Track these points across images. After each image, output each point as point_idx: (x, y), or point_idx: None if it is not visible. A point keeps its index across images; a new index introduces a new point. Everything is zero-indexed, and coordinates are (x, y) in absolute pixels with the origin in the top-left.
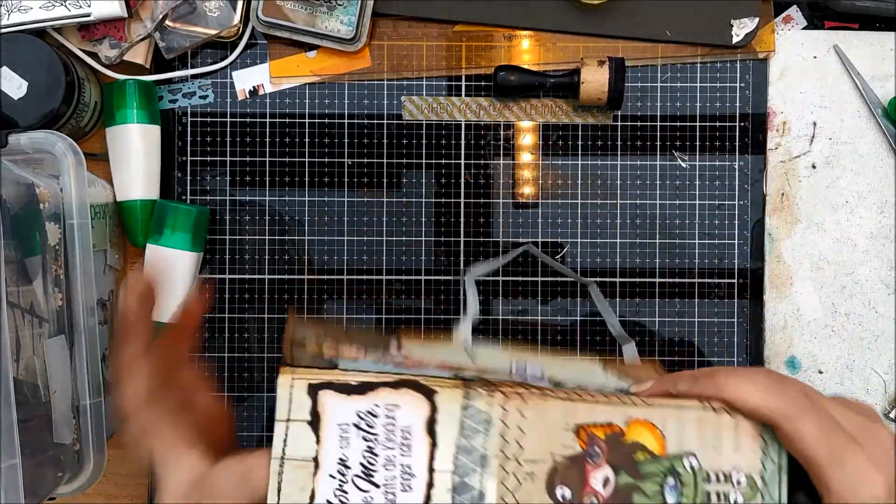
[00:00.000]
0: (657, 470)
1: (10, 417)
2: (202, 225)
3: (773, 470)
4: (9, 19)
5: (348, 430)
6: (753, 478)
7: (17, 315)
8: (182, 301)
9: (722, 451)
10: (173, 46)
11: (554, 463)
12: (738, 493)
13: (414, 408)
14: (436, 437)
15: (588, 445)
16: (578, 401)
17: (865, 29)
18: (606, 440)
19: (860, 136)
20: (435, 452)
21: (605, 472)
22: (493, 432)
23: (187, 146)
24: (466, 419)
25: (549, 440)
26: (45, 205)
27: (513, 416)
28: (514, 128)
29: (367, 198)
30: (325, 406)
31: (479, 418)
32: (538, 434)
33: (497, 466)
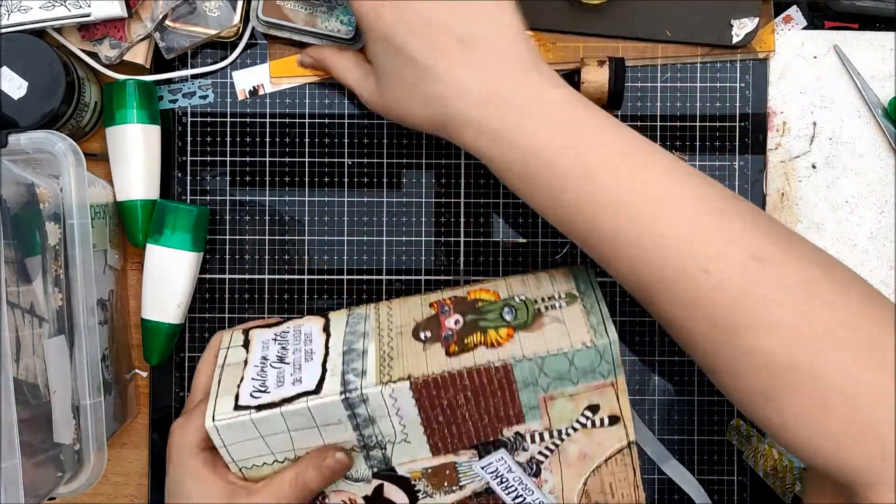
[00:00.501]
0: (495, 307)
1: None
2: (202, 225)
3: (587, 284)
4: (9, 19)
5: (268, 342)
6: (572, 293)
7: (17, 315)
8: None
9: (542, 287)
10: (173, 46)
11: (416, 322)
12: (561, 302)
13: (313, 322)
14: (329, 332)
15: (439, 307)
16: (430, 293)
17: (865, 29)
18: (452, 301)
19: (860, 136)
20: (329, 340)
21: (455, 317)
22: (370, 320)
23: (187, 146)
24: (350, 318)
25: (411, 314)
26: (45, 205)
27: (384, 310)
28: None
29: (367, 198)
30: (253, 335)
31: (359, 316)
32: (403, 314)
33: (375, 335)
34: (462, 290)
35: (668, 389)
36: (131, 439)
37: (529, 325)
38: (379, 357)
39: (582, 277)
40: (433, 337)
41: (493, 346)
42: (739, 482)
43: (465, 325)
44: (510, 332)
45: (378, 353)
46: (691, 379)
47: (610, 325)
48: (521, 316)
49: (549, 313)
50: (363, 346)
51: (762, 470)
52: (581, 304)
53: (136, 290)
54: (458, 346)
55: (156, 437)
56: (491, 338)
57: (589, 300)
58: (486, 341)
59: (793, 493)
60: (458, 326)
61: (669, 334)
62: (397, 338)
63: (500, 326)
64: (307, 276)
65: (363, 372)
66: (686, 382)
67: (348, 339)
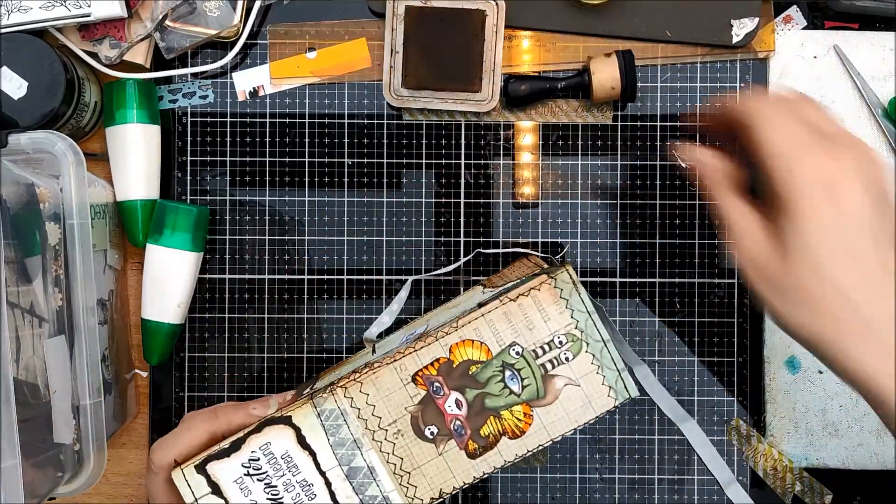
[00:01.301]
0: (492, 371)
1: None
2: (202, 225)
3: (585, 318)
4: (9, 19)
5: (244, 481)
6: (571, 333)
7: (17, 315)
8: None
9: (535, 327)
10: (173, 46)
11: (410, 413)
12: (565, 351)
13: (282, 436)
14: (310, 448)
15: (427, 385)
16: (402, 357)
17: (865, 29)
18: (440, 372)
19: (860, 136)
20: (317, 459)
21: (453, 396)
22: (351, 419)
23: (187, 146)
24: (326, 422)
25: (396, 400)
26: (45, 205)
27: (359, 399)
28: (514, 128)
29: (367, 198)
30: (216, 473)
31: (334, 415)
32: (385, 401)
33: (370, 441)
34: (442, 346)
35: (668, 389)
36: (131, 439)
37: (543, 395)
38: (392, 473)
39: (573, 298)
40: (441, 433)
41: (515, 437)
42: (739, 482)
43: (470, 408)
44: (527, 411)
45: (386, 466)
46: (691, 379)
47: (628, 379)
48: (529, 383)
49: (559, 372)
50: (364, 461)
51: (762, 470)
52: (589, 354)
53: (136, 290)
54: (478, 443)
55: (156, 437)
56: (510, 425)
57: (593, 341)
58: (506, 430)
59: (793, 493)
60: (463, 412)
61: None
62: (398, 439)
63: (512, 404)
64: (307, 276)
65: (386, 499)
66: (686, 382)
67: (341, 456)
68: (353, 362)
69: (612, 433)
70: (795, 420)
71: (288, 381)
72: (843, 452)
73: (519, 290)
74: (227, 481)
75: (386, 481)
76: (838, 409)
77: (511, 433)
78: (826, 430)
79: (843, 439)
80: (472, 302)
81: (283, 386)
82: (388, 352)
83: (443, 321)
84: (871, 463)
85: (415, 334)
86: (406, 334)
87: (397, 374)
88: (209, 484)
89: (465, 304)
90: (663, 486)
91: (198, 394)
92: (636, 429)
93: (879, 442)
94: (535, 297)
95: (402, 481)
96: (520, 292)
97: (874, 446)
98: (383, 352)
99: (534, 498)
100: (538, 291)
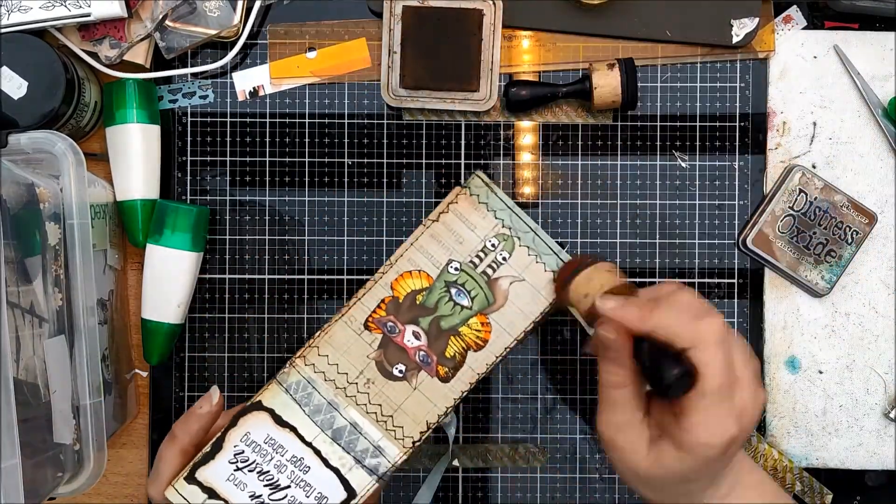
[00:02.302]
0: (438, 294)
1: (10, 417)
2: (202, 225)
3: (507, 214)
4: (9, 19)
5: (236, 476)
6: (500, 233)
7: (17, 315)
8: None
9: (464, 239)
10: (173, 46)
11: (373, 360)
12: (500, 251)
13: (258, 422)
14: (289, 423)
15: (381, 327)
16: (349, 310)
17: (865, 29)
18: (389, 312)
19: (860, 136)
20: (299, 432)
21: (409, 329)
22: (319, 385)
23: (187, 146)
24: (295, 394)
25: (356, 351)
26: (45, 205)
27: (320, 363)
28: (514, 128)
29: (367, 198)
30: (208, 478)
31: (301, 385)
32: (345, 356)
33: (344, 398)
34: (382, 287)
35: None
36: (131, 439)
37: (493, 300)
38: (374, 422)
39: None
40: (409, 368)
41: (480, 348)
42: None
43: (427, 333)
44: (483, 320)
45: (367, 417)
46: None
47: (564, 255)
48: (477, 294)
49: (501, 273)
50: (345, 419)
51: None
52: (524, 247)
53: (136, 290)
54: (447, 366)
55: (156, 437)
56: (471, 339)
57: (523, 233)
58: (469, 344)
59: (793, 493)
60: (423, 341)
61: None
62: (371, 388)
63: (467, 318)
64: (307, 276)
65: (378, 448)
66: None
67: (322, 421)
68: None
69: None
70: (795, 420)
71: None
72: (843, 452)
73: (438, 209)
74: (220, 482)
75: (372, 431)
76: (838, 409)
77: (475, 346)
78: (826, 430)
79: (843, 439)
80: None
81: None
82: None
83: None
84: (871, 463)
85: None
86: None
87: (349, 327)
88: (203, 490)
89: None
90: None
91: (198, 394)
92: None
93: (879, 442)
94: (456, 210)
95: (388, 426)
96: (439, 210)
97: (874, 446)
98: None
99: (534, 498)
100: (456, 204)
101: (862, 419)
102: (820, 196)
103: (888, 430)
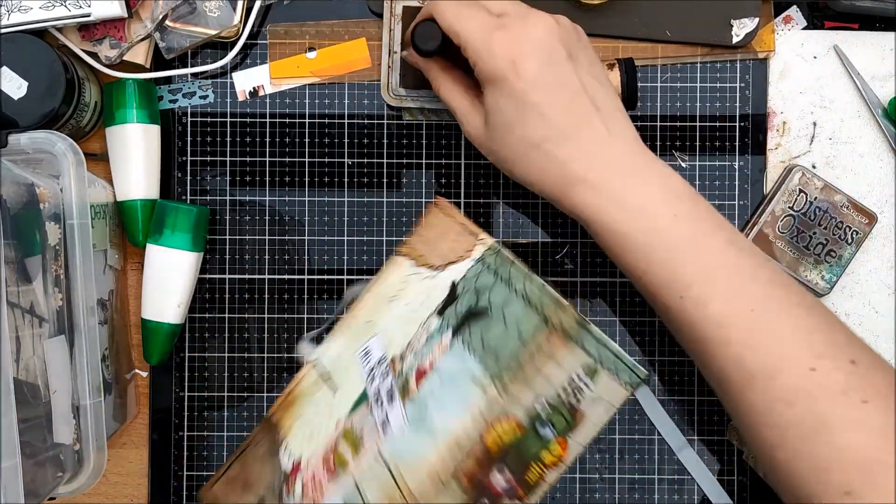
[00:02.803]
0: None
1: (10, 417)
2: (202, 225)
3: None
4: (9, 19)
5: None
6: (588, 365)
7: (17, 315)
8: None
9: (551, 379)
10: (173, 46)
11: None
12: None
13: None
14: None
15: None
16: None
17: (865, 29)
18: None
19: (860, 136)
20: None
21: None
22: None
23: (187, 146)
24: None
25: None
26: (45, 205)
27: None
28: None
29: (367, 198)
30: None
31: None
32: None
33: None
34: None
35: (669, 389)
36: (131, 439)
37: (573, 425)
38: None
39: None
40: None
41: (556, 466)
42: (739, 482)
43: (513, 472)
44: (562, 442)
45: None
46: (691, 379)
47: (633, 363)
48: (559, 422)
49: (584, 397)
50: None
51: (762, 470)
52: (605, 371)
53: (136, 290)
54: (526, 490)
55: (156, 437)
56: (550, 460)
57: (605, 357)
58: (548, 465)
59: None
60: (509, 477)
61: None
62: None
63: (547, 444)
64: (307, 276)
65: None
66: (686, 382)
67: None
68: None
69: (612, 433)
70: None
71: (288, 381)
72: None
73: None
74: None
75: None
76: None
77: (552, 465)
78: None
79: None
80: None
81: (282, 386)
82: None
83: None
84: None
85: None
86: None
87: (439, 480)
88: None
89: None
90: (663, 486)
91: (198, 394)
92: (636, 429)
93: None
94: (547, 342)
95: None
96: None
97: None
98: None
99: None
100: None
101: None
102: (820, 196)
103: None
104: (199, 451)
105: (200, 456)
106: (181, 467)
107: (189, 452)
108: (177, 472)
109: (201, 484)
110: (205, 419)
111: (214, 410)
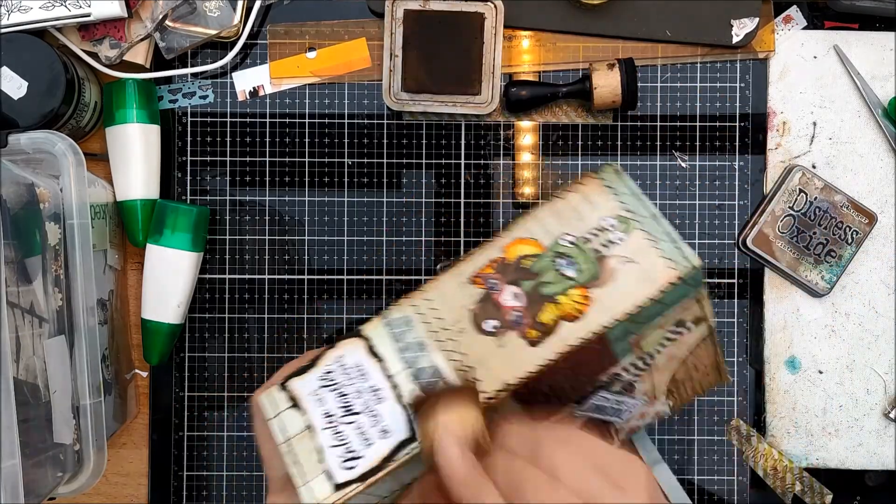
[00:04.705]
0: (546, 262)
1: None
2: (202, 225)
3: (631, 199)
4: (9, 19)
5: (319, 392)
6: (619, 214)
7: (17, 315)
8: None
9: (584, 217)
10: (173, 46)
11: (470, 312)
12: (615, 232)
13: (353, 348)
14: (379, 355)
15: (485, 283)
16: (461, 264)
17: (865, 29)
18: (496, 270)
19: (860, 136)
20: (385, 364)
21: (510, 290)
22: (415, 324)
23: (187, 146)
24: (393, 329)
25: (457, 301)
26: (45, 205)
27: (423, 306)
28: (514, 128)
29: (367, 198)
30: (296, 389)
31: (399, 323)
32: (447, 303)
33: (433, 342)
34: (495, 249)
35: None
36: (131, 439)
37: (599, 276)
38: (456, 370)
39: (617, 185)
40: (502, 325)
41: (575, 319)
42: (739, 482)
43: (526, 296)
44: (584, 294)
45: (450, 364)
46: None
47: (684, 246)
48: (584, 267)
49: (613, 252)
50: (429, 361)
51: (762, 470)
52: (641, 231)
53: (136, 290)
54: (537, 330)
55: (156, 438)
56: (568, 309)
57: (642, 217)
58: (565, 314)
59: (793, 493)
60: (521, 302)
61: None
62: (460, 338)
63: (568, 288)
64: (307, 276)
65: None
66: None
67: (407, 358)
68: None
69: None
70: (795, 420)
71: None
72: (843, 452)
73: (565, 188)
74: (305, 395)
75: (451, 378)
76: (838, 409)
77: (570, 316)
78: (826, 430)
79: (843, 439)
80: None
81: None
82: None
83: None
84: (871, 463)
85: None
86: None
87: (456, 279)
88: (289, 399)
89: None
90: None
91: (198, 394)
92: None
93: (879, 442)
94: (582, 191)
95: (466, 376)
96: (566, 189)
97: (874, 446)
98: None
99: None
100: (583, 185)
101: (862, 419)
102: (820, 196)
103: (888, 431)
104: (199, 451)
105: (200, 456)
106: (181, 467)
107: (189, 452)
108: (177, 472)
109: (201, 484)
110: (205, 419)
111: (214, 410)
